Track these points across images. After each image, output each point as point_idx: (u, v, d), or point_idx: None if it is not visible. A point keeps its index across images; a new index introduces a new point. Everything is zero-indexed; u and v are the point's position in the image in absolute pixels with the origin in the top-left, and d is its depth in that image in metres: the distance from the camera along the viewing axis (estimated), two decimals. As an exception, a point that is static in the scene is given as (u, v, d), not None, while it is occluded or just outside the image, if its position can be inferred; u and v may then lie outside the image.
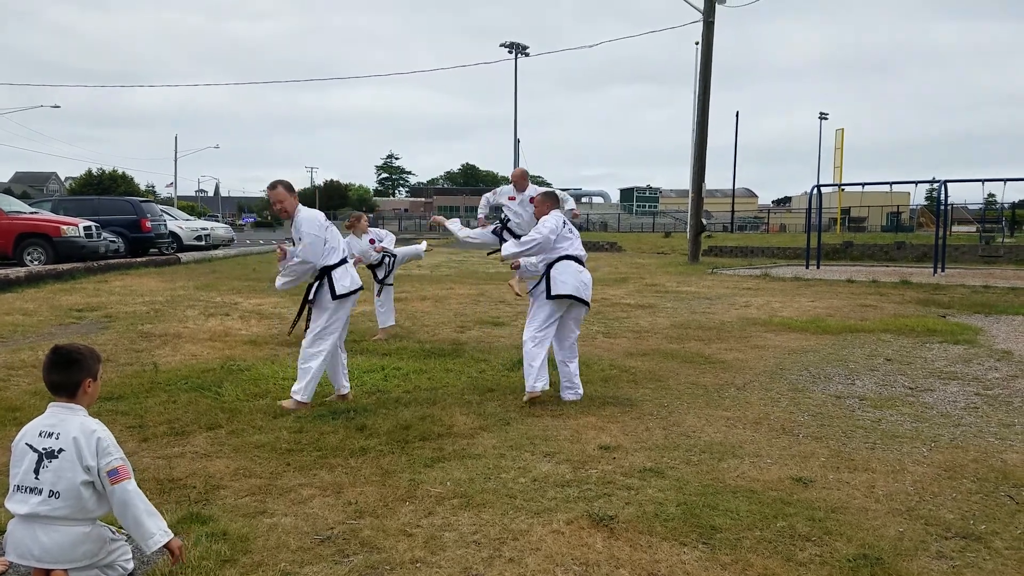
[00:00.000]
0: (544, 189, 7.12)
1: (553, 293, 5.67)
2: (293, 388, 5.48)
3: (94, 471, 2.76)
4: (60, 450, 2.76)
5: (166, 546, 2.84)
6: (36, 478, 2.75)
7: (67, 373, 2.88)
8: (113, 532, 2.93)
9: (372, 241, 8.83)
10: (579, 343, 5.70)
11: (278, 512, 3.64)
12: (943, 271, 20.03)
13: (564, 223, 5.94)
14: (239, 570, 3.05)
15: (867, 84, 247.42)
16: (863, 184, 25.16)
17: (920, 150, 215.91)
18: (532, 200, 7.02)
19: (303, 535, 3.38)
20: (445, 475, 4.13)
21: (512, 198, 7.58)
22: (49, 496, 2.73)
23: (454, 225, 7.92)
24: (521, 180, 7.55)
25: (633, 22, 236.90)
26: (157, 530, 2.82)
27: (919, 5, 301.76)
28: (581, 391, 5.83)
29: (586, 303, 5.85)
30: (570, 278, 5.70)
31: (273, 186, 5.46)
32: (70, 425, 2.81)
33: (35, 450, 2.78)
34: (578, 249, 5.89)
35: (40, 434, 2.81)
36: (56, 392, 2.90)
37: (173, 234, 24.13)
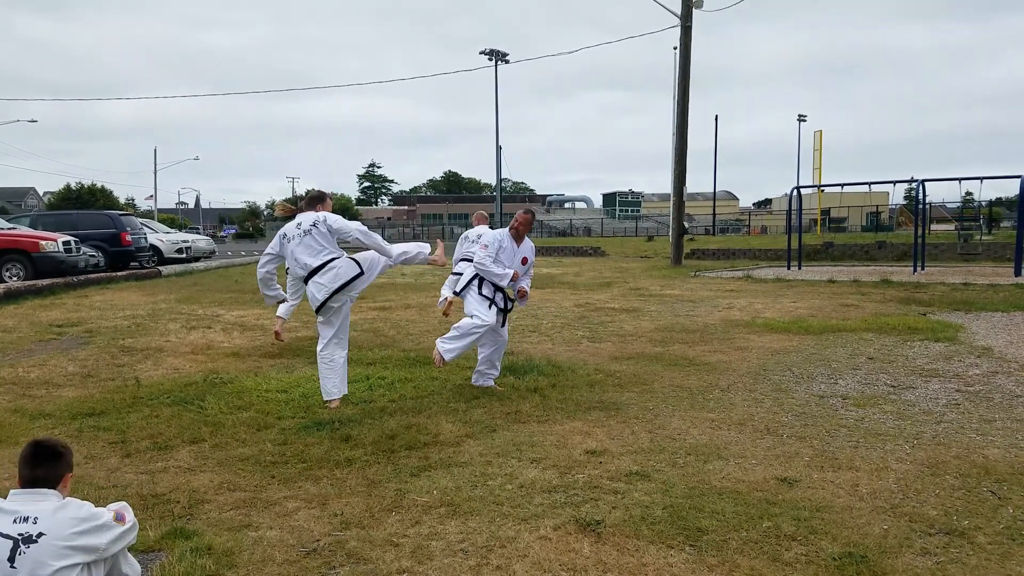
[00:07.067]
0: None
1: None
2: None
3: (101, 550, 2.55)
4: (40, 534, 2.46)
5: None
6: (12, 567, 2.42)
7: (53, 468, 2.64)
8: None
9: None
10: (564, 347, 5.73)
11: (263, 525, 3.61)
12: (923, 269, 20.23)
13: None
14: (224, 585, 3.03)
15: (842, 87, 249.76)
16: (842, 185, 25.34)
17: (895, 151, 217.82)
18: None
19: (289, 548, 3.36)
20: (431, 484, 4.12)
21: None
22: None
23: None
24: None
25: (607, 30, 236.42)
26: None
27: (887, 8, 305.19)
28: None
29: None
30: None
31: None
32: (48, 508, 2.54)
33: (9, 537, 2.46)
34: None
35: (15, 520, 2.48)
36: (32, 487, 2.61)
37: (154, 247, 23.95)
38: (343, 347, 5.90)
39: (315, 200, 5.98)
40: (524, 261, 6.38)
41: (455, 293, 6.82)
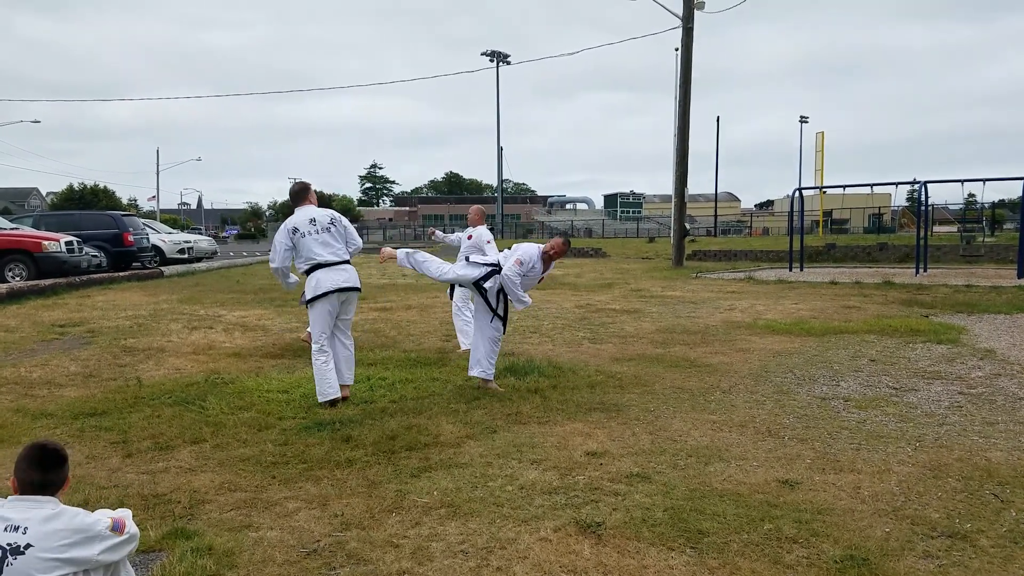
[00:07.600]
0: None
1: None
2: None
3: (92, 560, 2.44)
4: (27, 545, 2.36)
5: None
6: None
7: (59, 472, 2.54)
8: None
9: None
10: (565, 348, 5.73)
11: (264, 526, 3.61)
12: (925, 271, 20.20)
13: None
14: (224, 586, 3.02)
15: (842, 87, 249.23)
16: (844, 186, 25.33)
17: (895, 151, 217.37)
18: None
19: (289, 549, 3.36)
20: (432, 485, 4.12)
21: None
22: None
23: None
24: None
25: (609, 31, 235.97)
26: None
27: (887, 8, 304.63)
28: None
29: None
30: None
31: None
32: (38, 517, 2.43)
33: None
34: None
35: (5, 529, 2.39)
36: (36, 491, 2.49)
37: (156, 248, 23.95)
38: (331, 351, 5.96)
39: (303, 192, 6.14)
40: (539, 280, 6.70)
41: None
